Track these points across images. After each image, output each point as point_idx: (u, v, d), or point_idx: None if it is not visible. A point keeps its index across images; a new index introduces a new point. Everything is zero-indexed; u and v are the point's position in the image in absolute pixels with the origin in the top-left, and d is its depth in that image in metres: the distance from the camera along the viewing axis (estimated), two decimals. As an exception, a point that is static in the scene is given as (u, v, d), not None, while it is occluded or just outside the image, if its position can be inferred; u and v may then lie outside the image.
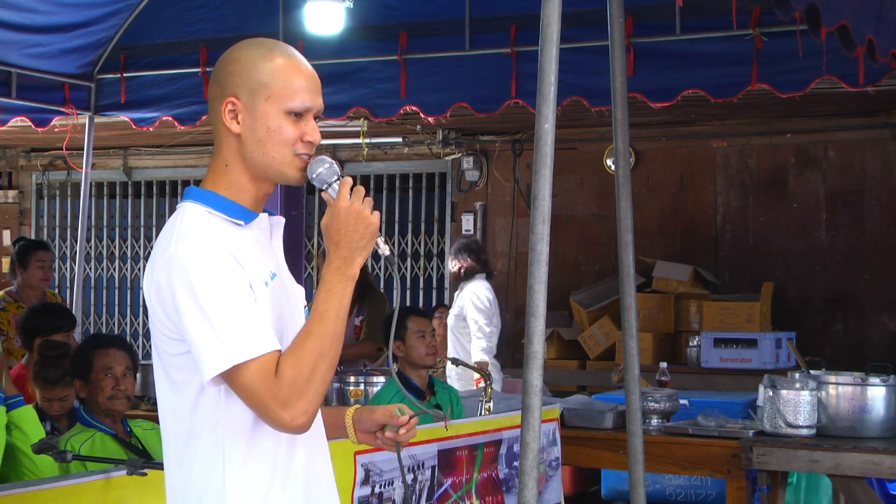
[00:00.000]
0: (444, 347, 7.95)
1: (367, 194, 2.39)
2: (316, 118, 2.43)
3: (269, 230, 2.46)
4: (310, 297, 3.37)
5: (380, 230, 2.40)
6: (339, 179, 2.41)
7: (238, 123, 2.39)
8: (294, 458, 2.40)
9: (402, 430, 2.59)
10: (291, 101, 2.37)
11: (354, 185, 2.39)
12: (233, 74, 2.40)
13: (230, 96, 2.39)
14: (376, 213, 2.38)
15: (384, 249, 2.43)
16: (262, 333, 2.26)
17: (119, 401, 4.50)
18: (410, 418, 2.60)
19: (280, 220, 2.48)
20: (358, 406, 2.69)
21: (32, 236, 12.31)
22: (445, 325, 8.13)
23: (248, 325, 2.25)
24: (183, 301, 2.26)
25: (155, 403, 5.25)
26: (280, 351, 2.28)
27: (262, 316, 2.29)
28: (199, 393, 2.32)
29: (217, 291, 2.25)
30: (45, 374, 4.95)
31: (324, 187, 2.41)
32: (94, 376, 4.50)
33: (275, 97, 2.37)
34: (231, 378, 2.26)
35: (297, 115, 2.39)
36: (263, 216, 2.45)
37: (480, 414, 5.70)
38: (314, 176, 2.41)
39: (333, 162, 2.44)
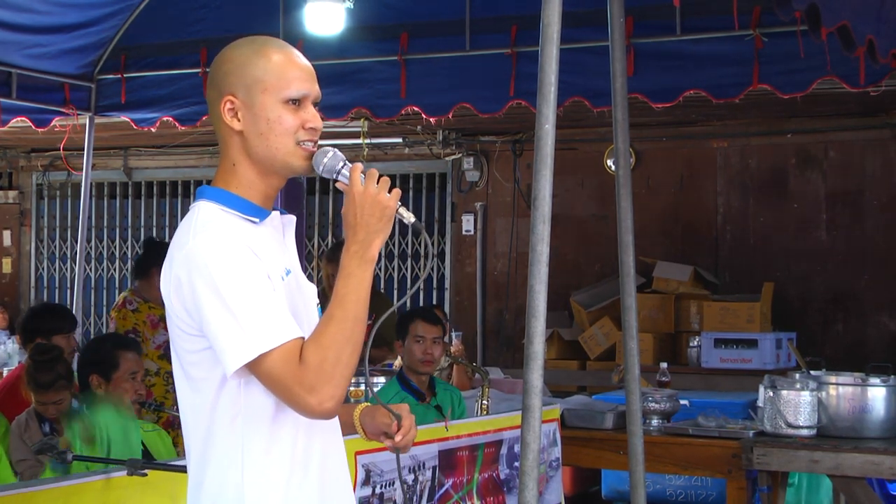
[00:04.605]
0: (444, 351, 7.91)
1: (381, 175, 2.38)
2: (315, 106, 2.44)
3: (282, 228, 2.48)
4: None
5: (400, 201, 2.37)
6: (346, 165, 2.41)
7: (239, 121, 2.41)
8: (311, 453, 2.40)
9: (397, 438, 2.58)
10: (287, 90, 2.40)
11: (366, 169, 2.38)
12: (228, 74, 2.42)
13: (228, 95, 2.41)
14: (395, 192, 2.37)
15: (409, 217, 2.40)
16: (284, 321, 2.27)
17: (135, 405, 4.51)
18: (400, 424, 2.58)
19: (292, 219, 2.50)
20: (366, 405, 2.68)
21: (33, 237, 12.31)
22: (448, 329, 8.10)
23: (270, 315, 2.25)
24: (204, 295, 2.26)
25: (154, 410, 5.26)
26: (303, 338, 2.28)
27: (283, 305, 2.30)
28: (219, 388, 2.33)
29: (237, 283, 2.26)
30: (36, 378, 4.87)
31: (334, 176, 2.41)
32: (118, 377, 4.47)
33: (271, 89, 2.39)
34: (256, 368, 2.26)
35: (296, 104, 2.41)
36: (276, 214, 2.47)
37: (477, 412, 5.70)
38: (321, 168, 2.41)
39: (336, 150, 2.42)
